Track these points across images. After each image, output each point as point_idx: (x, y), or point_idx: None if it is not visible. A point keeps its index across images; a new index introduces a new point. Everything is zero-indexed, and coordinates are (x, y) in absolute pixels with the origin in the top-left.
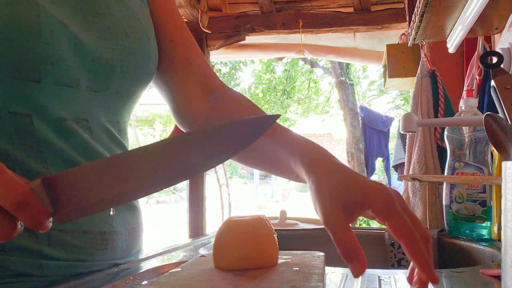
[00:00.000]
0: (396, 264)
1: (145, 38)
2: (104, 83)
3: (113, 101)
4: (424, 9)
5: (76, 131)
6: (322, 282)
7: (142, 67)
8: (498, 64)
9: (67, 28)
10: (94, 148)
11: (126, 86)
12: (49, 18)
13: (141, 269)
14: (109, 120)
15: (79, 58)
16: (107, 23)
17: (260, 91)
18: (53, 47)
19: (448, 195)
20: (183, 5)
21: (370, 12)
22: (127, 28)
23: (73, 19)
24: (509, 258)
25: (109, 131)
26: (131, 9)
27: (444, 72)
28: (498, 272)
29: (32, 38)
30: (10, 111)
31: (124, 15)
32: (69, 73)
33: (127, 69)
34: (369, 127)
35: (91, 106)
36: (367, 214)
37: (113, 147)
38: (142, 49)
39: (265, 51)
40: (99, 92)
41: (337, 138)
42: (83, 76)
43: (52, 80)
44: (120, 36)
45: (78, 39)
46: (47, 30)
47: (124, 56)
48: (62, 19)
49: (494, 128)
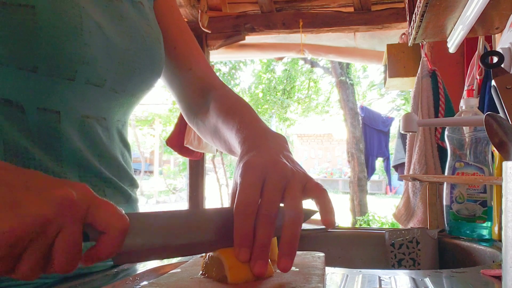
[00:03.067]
0: (397, 264)
1: (157, 43)
2: (124, 84)
3: (127, 102)
4: (424, 8)
5: (96, 130)
6: (322, 283)
7: (153, 70)
8: (498, 63)
9: (102, 30)
10: (108, 149)
11: (140, 88)
12: (89, 19)
13: (141, 270)
14: (119, 120)
15: (109, 59)
16: (129, 26)
17: (260, 91)
18: (90, 48)
19: (449, 195)
20: (183, 5)
21: (371, 11)
22: (143, 32)
23: (105, 22)
24: (509, 258)
25: (119, 131)
26: (144, 14)
27: (444, 72)
28: (498, 273)
29: (74, 38)
30: (40, 107)
31: (140, 20)
32: (99, 73)
33: (143, 71)
34: (369, 127)
35: (110, 106)
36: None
37: (122, 147)
38: (156, 53)
39: (265, 51)
40: (118, 93)
41: (337, 138)
42: (109, 77)
43: (84, 79)
44: (140, 40)
45: (110, 41)
46: (87, 31)
47: (142, 59)
48: (98, 21)
49: (495, 128)
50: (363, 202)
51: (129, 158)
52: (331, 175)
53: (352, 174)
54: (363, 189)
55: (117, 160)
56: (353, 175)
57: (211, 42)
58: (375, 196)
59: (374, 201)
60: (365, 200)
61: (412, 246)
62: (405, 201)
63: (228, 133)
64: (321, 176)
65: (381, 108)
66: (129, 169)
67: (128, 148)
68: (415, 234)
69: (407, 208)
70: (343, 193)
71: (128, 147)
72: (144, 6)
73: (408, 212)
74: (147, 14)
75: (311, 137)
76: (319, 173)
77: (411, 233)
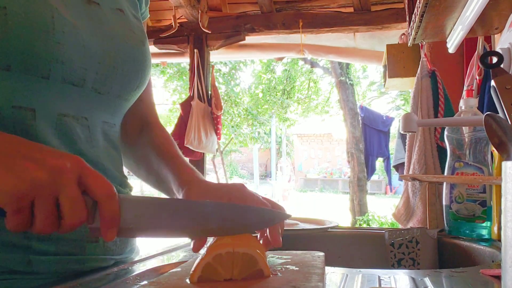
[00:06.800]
0: (396, 264)
1: (140, 45)
2: (108, 86)
3: (113, 103)
4: (424, 9)
5: (74, 128)
6: (322, 282)
7: (139, 72)
8: (498, 64)
9: (77, 31)
10: (88, 149)
11: (126, 90)
12: (62, 20)
13: (141, 269)
14: (106, 122)
15: (87, 59)
16: (108, 29)
17: (260, 91)
18: (63, 47)
19: (448, 195)
20: (183, 5)
21: (370, 12)
22: (123, 35)
23: (81, 23)
24: (509, 258)
25: (106, 133)
26: (125, 20)
27: (444, 72)
28: (498, 272)
29: (46, 37)
30: (14, 105)
31: (120, 24)
32: (76, 73)
33: (127, 73)
34: (369, 127)
35: (92, 106)
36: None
37: (110, 148)
38: (139, 54)
39: (265, 51)
40: (102, 94)
41: (337, 138)
42: (89, 77)
43: (59, 77)
44: (120, 42)
45: (86, 41)
46: (60, 30)
47: (124, 59)
48: (73, 22)
49: (494, 128)
50: (363, 202)
51: (118, 159)
52: (331, 175)
53: (352, 174)
54: (362, 189)
55: (99, 160)
56: (352, 175)
57: (211, 43)
58: (375, 196)
59: (374, 201)
60: (365, 200)
61: (412, 246)
62: (404, 201)
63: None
64: (321, 176)
65: (380, 108)
66: (117, 170)
67: (116, 148)
68: (414, 234)
69: (406, 208)
70: (343, 193)
71: (117, 148)
72: (124, 13)
73: (407, 212)
74: (128, 21)
75: (311, 137)
76: (319, 173)
77: (411, 233)
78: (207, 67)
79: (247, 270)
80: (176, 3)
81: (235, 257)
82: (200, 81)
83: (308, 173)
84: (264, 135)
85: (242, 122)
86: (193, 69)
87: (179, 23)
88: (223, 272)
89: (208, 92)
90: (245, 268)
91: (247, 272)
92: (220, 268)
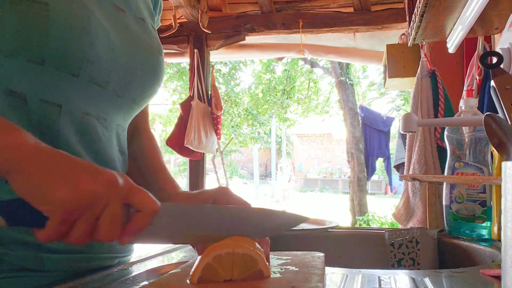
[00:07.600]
0: (396, 264)
1: (158, 54)
2: (127, 89)
3: (127, 108)
4: (424, 9)
5: (95, 128)
6: (322, 283)
7: (154, 78)
8: (498, 64)
9: (108, 34)
10: (106, 148)
11: (141, 95)
12: (96, 22)
13: (141, 270)
14: (119, 125)
15: (113, 62)
16: (132, 36)
17: (260, 91)
18: (95, 48)
19: (448, 195)
20: (183, 5)
21: (370, 12)
22: (145, 43)
23: (110, 27)
24: (509, 258)
25: (118, 136)
26: (146, 29)
27: (444, 72)
28: (498, 272)
29: (82, 36)
30: (42, 99)
31: (142, 32)
32: (102, 74)
33: (145, 79)
34: (369, 127)
35: (111, 108)
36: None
37: (119, 154)
38: (157, 62)
39: (265, 51)
40: (120, 97)
41: (337, 138)
42: (113, 79)
43: (87, 77)
44: (142, 49)
45: (115, 45)
46: (94, 32)
47: (144, 66)
48: (105, 25)
49: (494, 128)
50: (363, 202)
51: (126, 163)
52: (331, 175)
53: (351, 174)
54: (362, 189)
55: (113, 161)
56: (352, 175)
57: (211, 43)
58: (375, 196)
59: (374, 201)
60: (365, 200)
61: (412, 246)
62: (404, 201)
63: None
64: (321, 176)
65: (381, 108)
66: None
67: (124, 153)
68: (414, 234)
69: (406, 208)
70: (343, 193)
71: (125, 152)
72: (145, 22)
73: (407, 212)
74: (148, 30)
75: (311, 137)
76: (319, 173)
77: (411, 233)
78: (207, 67)
79: (247, 270)
80: (176, 3)
81: (235, 257)
82: (200, 81)
83: (308, 173)
84: (264, 135)
85: (242, 122)
86: (193, 69)
87: (179, 23)
88: (223, 272)
89: (208, 92)
90: (245, 268)
91: (247, 273)
92: (220, 268)
